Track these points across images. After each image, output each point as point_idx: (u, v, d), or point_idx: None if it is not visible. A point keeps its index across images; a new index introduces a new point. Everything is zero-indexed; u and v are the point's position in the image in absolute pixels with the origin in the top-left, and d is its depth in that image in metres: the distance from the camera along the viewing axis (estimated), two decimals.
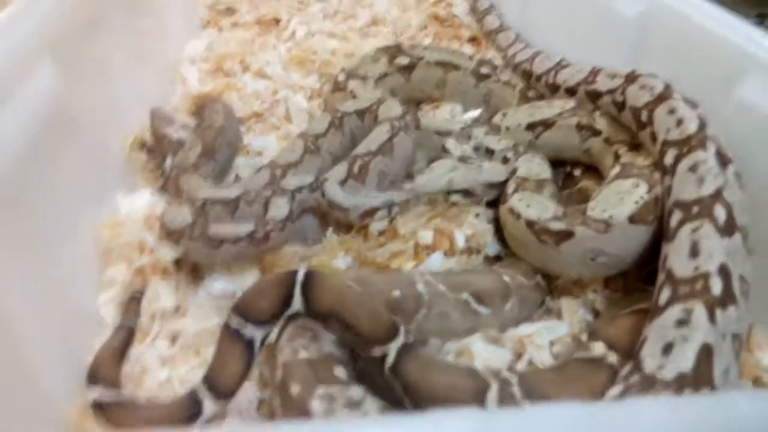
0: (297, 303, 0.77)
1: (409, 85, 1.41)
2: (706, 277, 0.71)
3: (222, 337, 0.77)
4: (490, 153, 1.13)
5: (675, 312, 0.70)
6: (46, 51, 0.86)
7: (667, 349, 0.67)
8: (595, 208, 0.90)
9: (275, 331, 0.80)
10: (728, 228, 0.76)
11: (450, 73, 1.42)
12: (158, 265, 0.89)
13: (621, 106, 1.03)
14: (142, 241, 0.91)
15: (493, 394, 0.69)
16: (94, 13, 1.08)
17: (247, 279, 0.91)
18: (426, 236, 0.96)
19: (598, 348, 0.78)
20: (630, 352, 0.75)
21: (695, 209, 0.79)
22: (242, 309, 0.78)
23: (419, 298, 0.85)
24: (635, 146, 1.03)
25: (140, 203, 1.00)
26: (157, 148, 1.12)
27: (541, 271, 0.97)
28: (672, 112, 0.93)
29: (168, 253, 0.89)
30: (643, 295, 0.86)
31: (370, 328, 0.74)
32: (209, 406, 0.73)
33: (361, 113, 1.17)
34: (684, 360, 0.65)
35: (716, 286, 0.71)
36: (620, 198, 0.90)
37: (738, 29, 1.00)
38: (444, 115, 1.39)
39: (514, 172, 1.09)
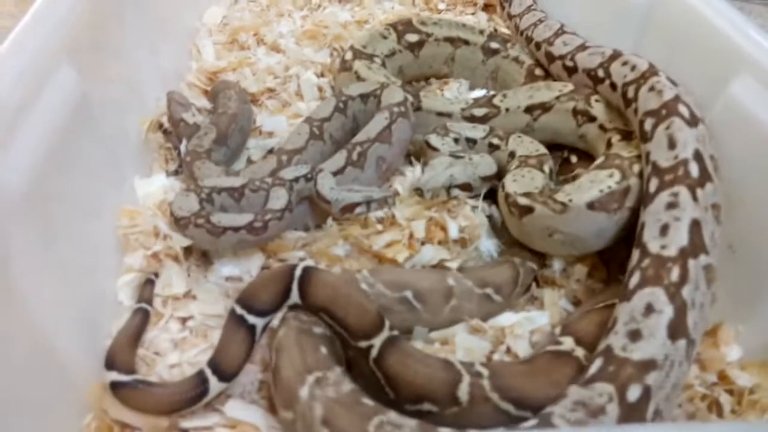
0: (294, 296, 0.86)
1: (417, 62, 1.44)
2: (685, 163, 0.85)
3: (227, 323, 0.86)
4: (472, 142, 1.17)
5: (664, 197, 0.84)
6: (65, 52, 0.92)
7: (664, 230, 0.81)
8: (565, 191, 0.97)
9: (277, 317, 0.88)
10: (693, 120, 0.91)
11: (459, 49, 1.44)
12: (171, 251, 0.97)
13: (573, 70, 1.20)
14: (156, 227, 0.98)
15: (464, 386, 0.77)
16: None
17: (253, 264, 0.99)
18: (419, 228, 1.01)
19: (567, 342, 0.84)
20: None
21: (663, 112, 0.93)
22: (245, 300, 0.86)
23: None
24: (628, 134, 1.06)
25: (155, 187, 1.08)
26: (173, 131, 1.18)
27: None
28: (625, 63, 1.07)
29: (180, 240, 0.96)
30: (621, 289, 0.91)
31: (357, 322, 0.82)
32: (214, 386, 0.82)
33: (365, 97, 1.21)
34: (680, 237, 0.80)
35: (694, 170, 0.85)
36: (590, 185, 0.96)
37: (737, 26, 1.00)
38: (451, 92, 1.42)
39: (512, 155, 1.14)
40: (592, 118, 1.13)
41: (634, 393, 0.71)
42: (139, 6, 1.26)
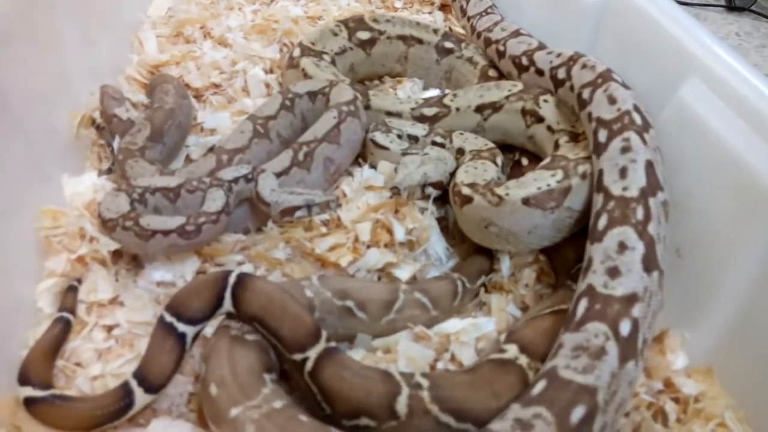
0: (227, 304, 0.81)
1: (369, 60, 1.40)
2: (627, 113, 0.92)
3: (155, 331, 0.81)
4: (414, 140, 1.15)
5: (617, 143, 0.89)
6: None
7: (623, 172, 0.86)
8: (506, 185, 0.96)
9: (213, 324, 0.83)
10: (626, 86, 0.98)
11: (412, 48, 1.41)
12: (98, 255, 0.90)
13: (502, 54, 1.27)
14: (83, 229, 0.92)
15: (403, 398, 0.74)
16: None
17: (187, 268, 0.93)
18: (364, 230, 0.98)
19: (512, 350, 0.82)
20: (543, 355, 0.80)
21: (599, 80, 1.00)
22: (175, 307, 0.81)
23: None
24: (575, 136, 1.05)
25: (84, 186, 1.01)
26: (106, 127, 1.12)
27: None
28: (550, 52, 1.15)
29: (107, 243, 0.90)
30: (568, 294, 0.89)
31: (291, 334, 0.77)
32: (140, 398, 0.77)
33: (312, 95, 1.17)
34: (638, 178, 0.85)
35: (637, 118, 0.91)
36: (532, 182, 0.94)
37: (689, 30, 0.99)
38: (405, 92, 1.39)
39: (461, 151, 1.13)
40: (540, 119, 1.12)
41: (625, 327, 0.73)
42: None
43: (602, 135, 0.92)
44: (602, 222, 0.83)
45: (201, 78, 1.33)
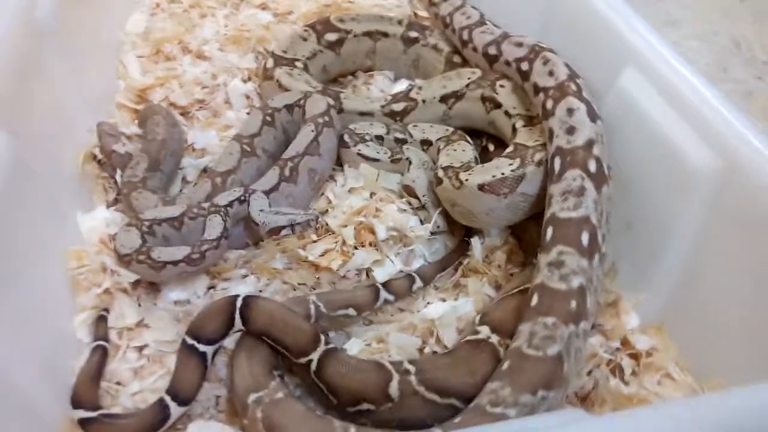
0: (238, 324, 0.95)
1: (340, 59, 1.49)
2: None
3: (180, 352, 0.95)
4: (380, 139, 1.26)
5: (539, 61, 1.11)
6: None
7: (551, 73, 1.08)
8: (472, 170, 1.08)
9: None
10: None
11: (379, 42, 1.49)
12: (120, 285, 1.03)
13: (435, 16, 1.47)
14: (104, 263, 1.05)
15: (394, 384, 0.88)
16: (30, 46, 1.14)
17: (199, 286, 1.06)
18: (349, 234, 1.10)
19: (484, 331, 0.95)
20: (512, 332, 0.93)
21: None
22: (194, 331, 0.95)
23: None
24: (530, 119, 1.16)
25: (98, 221, 1.13)
26: (107, 161, 1.22)
27: None
28: (464, 13, 1.37)
29: (127, 275, 1.03)
30: (533, 273, 1.02)
31: (295, 342, 0.91)
32: (174, 411, 0.91)
33: (290, 108, 1.27)
34: (563, 70, 1.07)
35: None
36: (493, 170, 1.06)
37: (626, 19, 1.08)
38: (377, 86, 1.48)
39: (426, 142, 1.25)
40: (498, 105, 1.22)
41: (592, 165, 0.94)
42: (58, 33, 1.26)
43: (549, 103, 1.07)
44: (549, 103, 1.04)
45: (185, 96, 1.41)
